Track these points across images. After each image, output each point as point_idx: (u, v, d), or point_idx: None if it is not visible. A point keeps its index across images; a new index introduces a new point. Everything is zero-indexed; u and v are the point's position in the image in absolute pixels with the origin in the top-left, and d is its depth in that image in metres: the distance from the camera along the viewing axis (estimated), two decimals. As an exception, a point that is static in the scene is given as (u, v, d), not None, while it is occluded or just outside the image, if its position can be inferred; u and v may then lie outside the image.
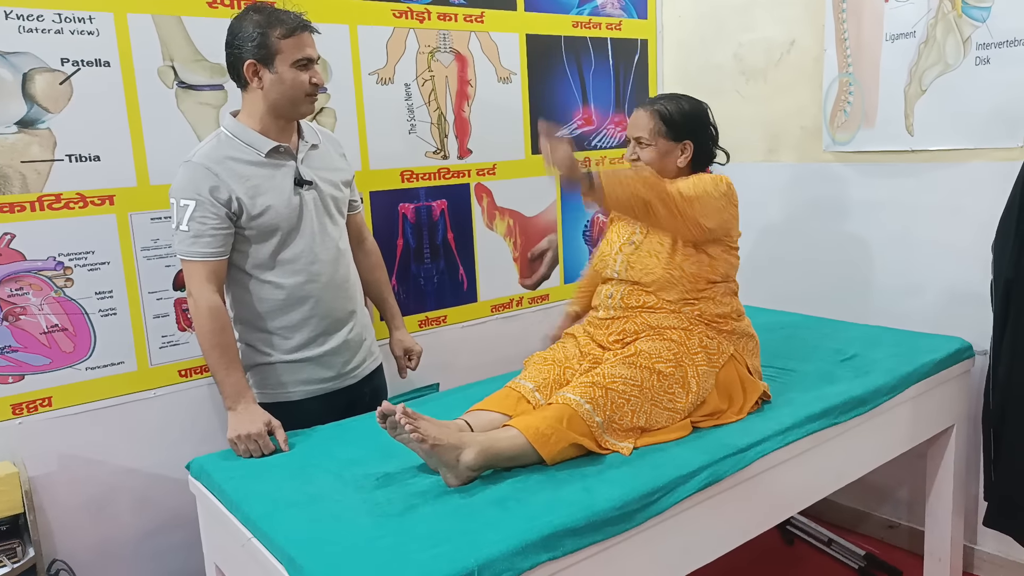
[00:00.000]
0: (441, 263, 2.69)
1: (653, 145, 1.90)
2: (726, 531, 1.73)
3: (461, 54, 2.64)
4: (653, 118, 1.90)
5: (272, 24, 1.81)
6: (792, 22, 2.80)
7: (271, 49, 1.81)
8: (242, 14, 1.85)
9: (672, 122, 1.90)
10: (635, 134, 1.93)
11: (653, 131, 1.90)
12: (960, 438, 2.37)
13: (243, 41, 1.82)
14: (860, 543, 2.68)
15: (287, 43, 1.82)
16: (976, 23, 2.31)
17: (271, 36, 1.81)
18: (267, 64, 1.82)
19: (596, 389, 1.68)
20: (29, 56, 1.90)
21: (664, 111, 1.90)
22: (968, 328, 2.38)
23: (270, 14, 1.83)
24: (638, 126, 1.92)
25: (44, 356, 1.98)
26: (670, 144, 1.91)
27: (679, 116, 1.90)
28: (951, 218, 2.45)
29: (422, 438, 1.49)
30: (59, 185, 1.96)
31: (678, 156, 1.92)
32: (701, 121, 1.94)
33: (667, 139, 1.90)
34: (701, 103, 1.97)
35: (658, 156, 1.91)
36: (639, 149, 1.92)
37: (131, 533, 2.15)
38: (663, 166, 1.91)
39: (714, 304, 1.88)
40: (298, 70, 1.84)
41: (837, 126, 2.70)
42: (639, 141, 1.92)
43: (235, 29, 1.84)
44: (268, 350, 1.96)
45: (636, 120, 1.93)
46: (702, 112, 1.95)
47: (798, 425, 1.83)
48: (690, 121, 1.92)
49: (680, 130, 1.90)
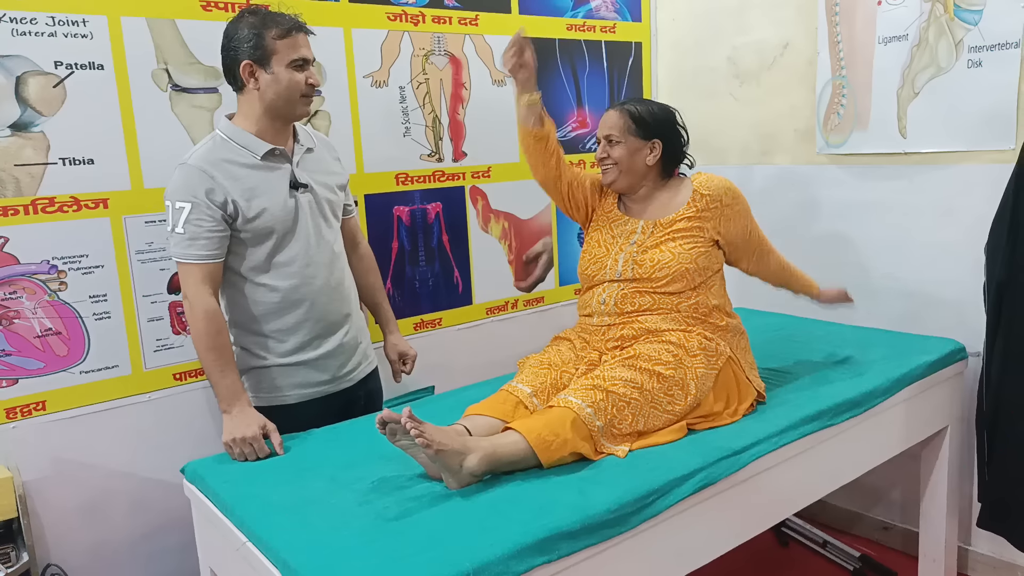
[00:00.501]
0: (436, 266, 2.69)
1: (623, 142, 1.95)
2: (721, 533, 1.73)
3: (456, 57, 2.64)
4: (623, 116, 1.96)
5: (267, 25, 1.82)
6: (785, 25, 2.81)
7: (267, 50, 1.82)
8: (237, 17, 1.86)
9: (641, 120, 1.95)
10: (605, 132, 1.98)
11: (623, 128, 1.95)
12: (954, 440, 2.38)
13: (239, 43, 1.83)
14: (855, 545, 2.69)
15: (283, 43, 1.82)
16: (968, 26, 2.32)
17: (267, 37, 1.81)
18: (263, 65, 1.83)
19: (597, 392, 1.68)
20: (22, 59, 1.89)
21: (634, 110, 1.96)
22: (961, 330, 2.39)
23: (265, 16, 1.84)
24: (608, 125, 1.98)
25: (38, 360, 1.98)
26: (639, 142, 1.95)
27: (648, 116, 1.96)
28: (944, 220, 2.46)
29: (427, 443, 1.49)
30: (53, 188, 1.96)
31: (647, 154, 1.96)
32: (670, 122, 2.00)
33: (636, 137, 1.95)
34: (670, 107, 2.03)
35: (628, 153, 1.95)
36: (609, 147, 1.97)
37: (125, 537, 2.14)
38: (632, 164, 1.96)
39: (711, 295, 1.92)
40: (294, 70, 1.84)
41: (830, 128, 2.71)
42: (609, 139, 1.97)
43: (230, 32, 1.85)
44: (263, 353, 1.96)
45: (607, 120, 1.99)
46: (671, 114, 2.01)
47: (793, 427, 1.84)
48: (659, 121, 1.97)
49: (649, 129, 1.95)
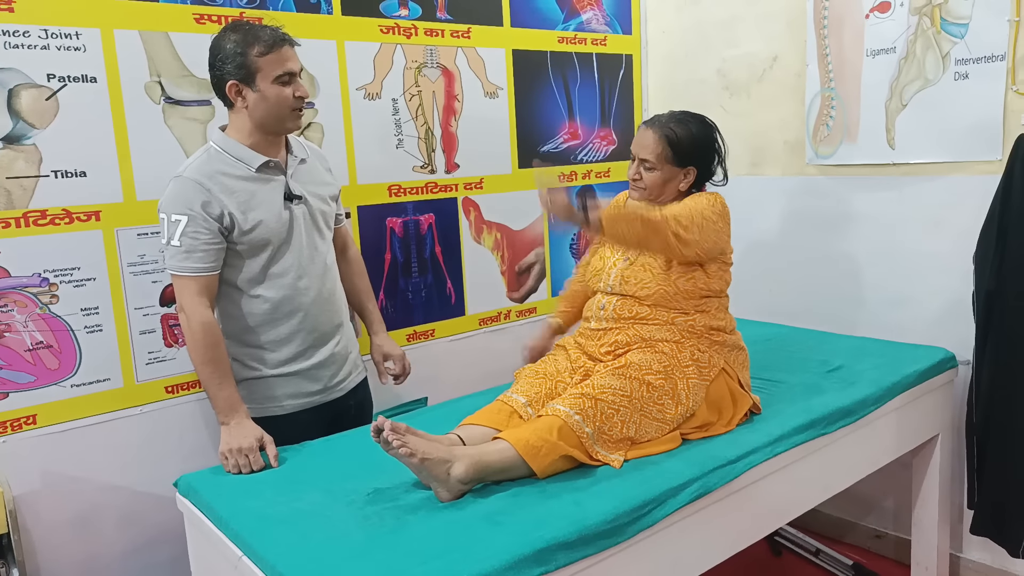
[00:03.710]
0: (429, 277, 2.69)
1: (658, 170, 1.89)
2: (716, 543, 1.74)
3: (448, 69, 2.66)
4: (661, 143, 1.88)
5: (250, 42, 1.80)
6: (775, 38, 2.84)
7: (251, 68, 1.80)
8: (221, 33, 1.85)
9: (680, 148, 1.88)
10: (641, 155, 1.91)
11: (660, 156, 1.88)
12: (945, 447, 2.39)
13: (223, 62, 1.81)
14: (848, 553, 2.69)
15: (266, 60, 1.81)
16: (955, 39, 2.35)
17: (250, 55, 1.80)
18: (249, 83, 1.82)
19: (585, 400, 1.69)
20: (15, 72, 1.89)
21: (673, 136, 1.88)
22: (951, 339, 2.41)
23: (247, 32, 1.82)
24: (645, 147, 1.90)
25: (29, 373, 1.96)
26: (675, 170, 1.90)
27: (687, 142, 1.89)
28: (933, 230, 2.48)
29: (411, 452, 1.49)
30: (45, 201, 1.95)
31: (680, 181, 1.92)
32: (708, 146, 1.93)
33: (673, 165, 1.90)
34: (710, 126, 1.95)
35: (662, 180, 1.90)
36: (643, 171, 1.91)
37: (117, 552, 2.12)
38: (664, 190, 1.92)
39: (708, 317, 1.89)
40: (280, 86, 1.83)
41: (820, 140, 2.74)
42: (644, 163, 1.90)
43: (215, 49, 1.84)
44: (256, 364, 1.95)
45: (643, 140, 1.91)
46: (710, 137, 1.94)
47: (786, 436, 1.85)
48: (698, 147, 1.91)
49: (686, 157, 1.90)
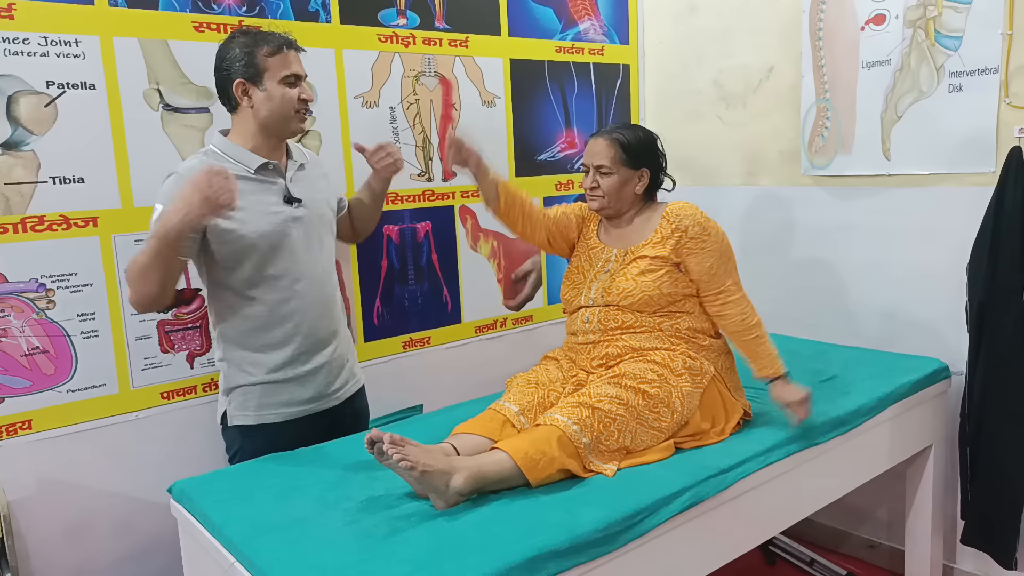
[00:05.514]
0: (425, 284, 2.69)
1: (614, 173, 1.93)
2: (709, 552, 1.74)
3: (446, 78, 2.67)
4: (613, 146, 1.92)
5: (259, 43, 1.86)
6: (770, 49, 2.85)
7: (259, 67, 1.85)
8: (229, 38, 1.90)
9: (631, 150, 1.93)
10: (595, 162, 1.94)
11: (614, 159, 1.92)
12: (938, 458, 2.40)
13: (231, 62, 1.86)
14: (841, 563, 2.70)
15: (274, 60, 1.85)
16: (948, 52, 2.37)
17: (258, 55, 1.85)
18: (256, 82, 1.86)
19: (583, 409, 1.69)
20: (14, 79, 1.90)
21: (623, 139, 1.93)
22: (944, 349, 2.42)
23: (256, 35, 1.88)
24: (598, 154, 1.94)
25: (25, 379, 1.97)
26: (629, 172, 1.94)
27: (637, 144, 1.94)
28: (927, 241, 2.49)
29: (411, 465, 1.50)
30: (42, 207, 1.96)
31: (636, 184, 1.95)
32: (655, 149, 1.99)
33: (627, 167, 1.93)
34: (651, 132, 2.01)
35: (619, 184, 1.93)
36: (599, 177, 1.94)
37: (111, 558, 2.12)
38: (622, 194, 1.95)
39: (692, 319, 1.91)
40: (286, 87, 1.87)
41: (815, 150, 2.75)
42: (600, 169, 1.93)
43: (223, 53, 1.88)
44: (251, 369, 1.95)
45: (595, 148, 1.95)
46: (655, 140, 2.00)
47: (779, 446, 1.86)
48: (646, 149, 1.96)
49: (638, 158, 1.94)
